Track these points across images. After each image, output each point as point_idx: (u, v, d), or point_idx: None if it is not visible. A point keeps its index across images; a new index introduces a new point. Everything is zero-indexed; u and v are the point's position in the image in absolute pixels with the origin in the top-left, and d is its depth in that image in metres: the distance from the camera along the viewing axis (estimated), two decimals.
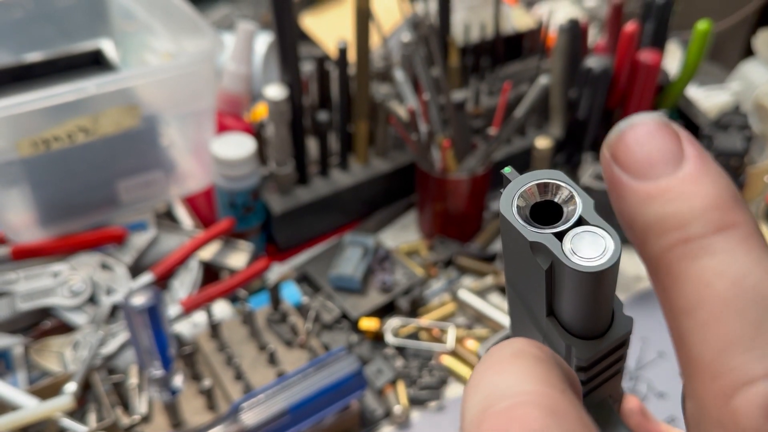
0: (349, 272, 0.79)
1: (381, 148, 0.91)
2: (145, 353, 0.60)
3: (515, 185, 0.29)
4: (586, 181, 0.77)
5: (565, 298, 0.28)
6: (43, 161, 0.72)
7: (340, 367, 0.65)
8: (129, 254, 0.78)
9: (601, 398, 0.35)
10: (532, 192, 0.28)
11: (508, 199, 0.28)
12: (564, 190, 0.28)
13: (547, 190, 0.28)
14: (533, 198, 0.29)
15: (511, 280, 0.32)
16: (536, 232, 0.27)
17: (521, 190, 0.28)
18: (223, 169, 0.79)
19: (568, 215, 0.27)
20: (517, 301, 0.32)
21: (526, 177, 0.28)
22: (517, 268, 0.30)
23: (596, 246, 0.27)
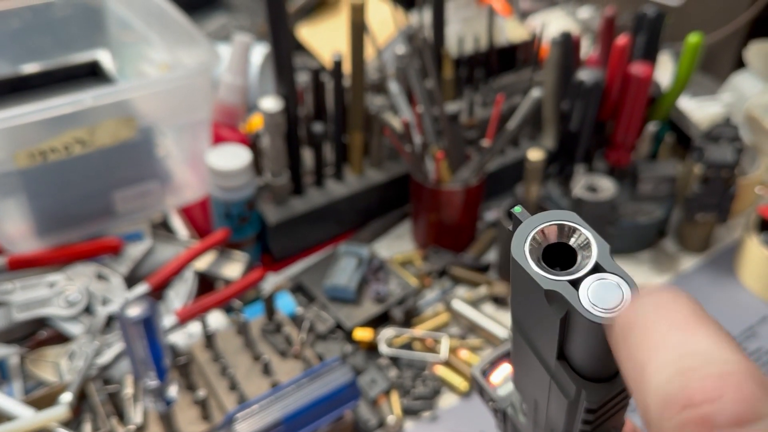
0: (343, 282, 0.80)
1: (376, 158, 0.91)
2: (140, 364, 0.61)
3: (527, 227, 0.27)
4: (578, 192, 0.78)
5: (578, 344, 0.27)
6: (40, 172, 0.73)
7: (333, 378, 0.66)
8: (125, 264, 0.78)
9: (607, 429, 0.35)
10: (546, 233, 0.27)
11: (520, 242, 0.27)
12: (579, 233, 0.26)
13: (562, 233, 0.27)
14: (546, 240, 0.27)
15: (519, 321, 0.31)
16: (552, 279, 0.26)
17: (534, 232, 0.27)
18: (218, 180, 0.80)
19: (583, 261, 0.26)
20: (522, 341, 0.31)
21: (538, 218, 0.27)
22: (527, 312, 0.29)
23: (614, 295, 0.25)
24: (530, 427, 0.39)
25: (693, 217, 0.86)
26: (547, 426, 0.35)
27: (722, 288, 0.87)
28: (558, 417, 0.32)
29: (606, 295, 0.25)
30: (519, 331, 0.31)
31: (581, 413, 0.30)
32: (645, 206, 0.88)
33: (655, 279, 0.87)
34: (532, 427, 0.39)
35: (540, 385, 0.32)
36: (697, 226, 0.88)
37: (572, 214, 0.26)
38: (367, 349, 0.77)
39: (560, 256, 0.27)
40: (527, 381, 0.35)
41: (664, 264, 0.90)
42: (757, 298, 0.85)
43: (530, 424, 0.39)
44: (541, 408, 0.34)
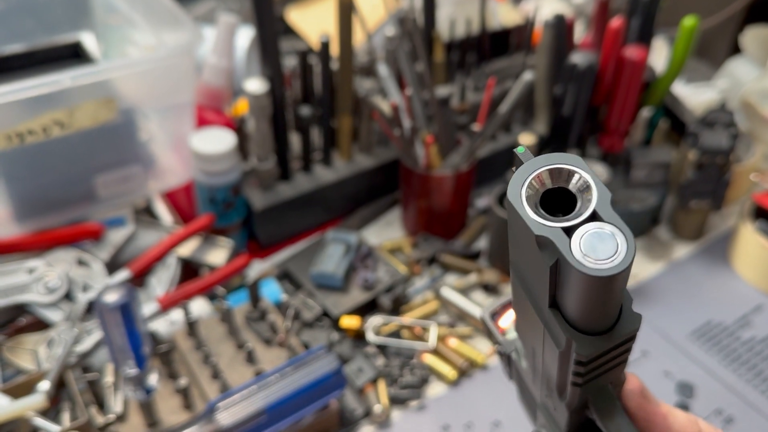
0: (330, 269, 0.78)
1: (365, 143, 0.90)
2: (119, 352, 0.59)
3: (527, 168, 0.25)
4: None
5: (570, 295, 0.25)
6: (18, 155, 0.71)
7: (318, 366, 0.64)
8: (106, 250, 0.77)
9: (602, 384, 0.33)
10: (544, 177, 0.25)
11: (517, 183, 0.25)
12: (580, 177, 0.25)
13: (561, 176, 0.25)
14: (545, 185, 0.26)
15: (516, 266, 0.29)
16: (544, 224, 0.24)
17: (533, 175, 0.25)
18: (202, 164, 0.78)
19: (582, 208, 0.24)
20: (519, 287, 0.30)
21: (540, 160, 0.25)
22: (522, 255, 0.28)
23: (608, 246, 0.23)
24: (530, 373, 0.38)
25: (687, 204, 0.84)
26: (543, 374, 0.34)
27: (716, 276, 0.85)
28: (551, 366, 0.31)
29: (599, 246, 0.24)
30: (516, 276, 0.30)
31: (572, 365, 0.28)
32: (638, 193, 0.87)
33: (648, 267, 0.86)
34: (531, 373, 0.38)
35: (536, 333, 0.31)
36: (691, 214, 0.87)
37: (577, 158, 0.25)
38: (354, 338, 0.76)
39: (563, 203, 0.25)
40: (525, 327, 0.34)
41: (658, 252, 0.88)
42: (751, 287, 0.84)
43: (530, 370, 0.38)
44: (538, 355, 0.33)
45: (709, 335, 0.78)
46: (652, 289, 0.83)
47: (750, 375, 0.73)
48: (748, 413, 0.69)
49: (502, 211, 0.79)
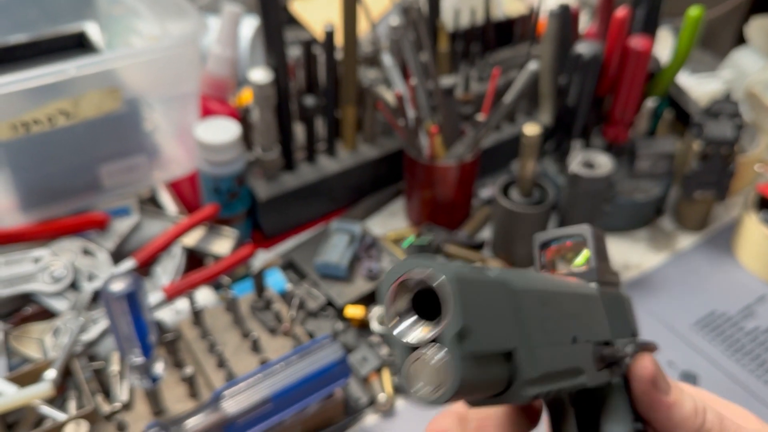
0: (335, 260, 0.78)
1: (369, 134, 0.90)
2: (125, 340, 0.59)
3: (393, 273, 0.25)
4: (575, 168, 0.76)
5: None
6: (24, 145, 0.71)
7: (323, 355, 0.64)
8: (111, 240, 0.77)
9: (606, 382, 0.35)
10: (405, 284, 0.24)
11: (384, 285, 0.25)
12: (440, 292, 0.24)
13: (413, 286, 0.24)
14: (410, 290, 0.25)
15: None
16: (391, 334, 0.25)
17: (399, 279, 0.24)
18: (207, 154, 0.78)
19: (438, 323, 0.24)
20: None
21: (405, 265, 0.25)
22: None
23: (433, 378, 0.24)
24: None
25: (691, 194, 0.84)
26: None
27: (720, 267, 0.85)
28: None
29: (423, 376, 0.24)
30: None
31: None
32: (642, 183, 0.87)
33: (651, 257, 0.86)
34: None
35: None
36: (695, 204, 0.87)
37: (441, 267, 0.24)
38: (359, 327, 0.76)
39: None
40: None
41: (661, 242, 0.88)
42: (755, 277, 0.84)
43: None
44: None
45: (712, 325, 0.78)
46: (656, 280, 0.83)
47: (753, 365, 0.74)
48: (751, 403, 0.70)
49: (507, 201, 0.79)
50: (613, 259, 0.85)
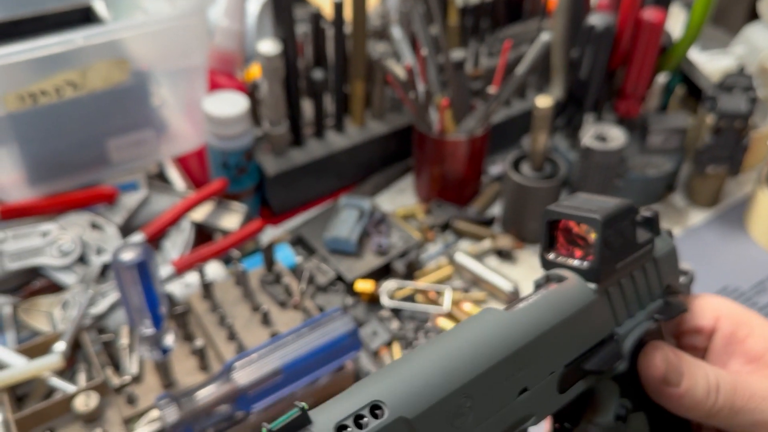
0: (344, 234, 0.78)
1: (377, 109, 0.89)
2: (135, 311, 0.59)
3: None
4: (587, 141, 0.75)
5: None
6: (31, 117, 0.70)
7: (334, 327, 0.64)
8: (119, 214, 0.76)
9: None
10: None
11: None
12: None
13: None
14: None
15: None
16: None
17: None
18: (215, 128, 0.77)
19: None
20: None
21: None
22: None
23: None
24: None
25: (704, 169, 0.84)
26: None
27: (732, 243, 0.84)
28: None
29: None
30: None
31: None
32: (654, 159, 0.86)
33: None
34: None
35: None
36: (708, 179, 0.86)
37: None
38: (369, 302, 0.76)
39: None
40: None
41: (673, 218, 0.87)
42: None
43: None
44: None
45: None
46: None
47: None
48: None
49: (518, 175, 0.78)
50: None
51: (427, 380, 0.29)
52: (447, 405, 0.29)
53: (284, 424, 0.26)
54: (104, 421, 0.61)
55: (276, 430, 0.26)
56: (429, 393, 0.29)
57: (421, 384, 0.29)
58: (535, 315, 0.34)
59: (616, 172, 0.77)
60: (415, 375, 0.29)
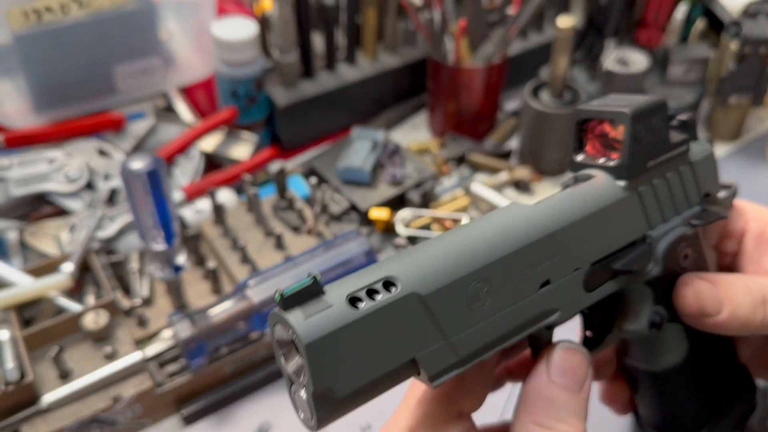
0: (358, 164, 0.76)
1: (390, 42, 0.86)
2: (146, 225, 0.57)
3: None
4: (609, 65, 0.73)
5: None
6: (36, 38, 0.68)
7: (349, 247, 0.62)
8: (127, 141, 0.74)
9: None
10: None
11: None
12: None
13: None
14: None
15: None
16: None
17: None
18: (224, 54, 0.75)
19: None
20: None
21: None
22: None
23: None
24: None
25: (726, 99, 0.81)
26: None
27: (754, 175, 0.82)
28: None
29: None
30: None
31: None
32: (675, 91, 0.83)
33: None
34: None
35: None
36: (730, 111, 0.83)
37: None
38: (384, 231, 0.74)
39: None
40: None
41: None
42: None
43: None
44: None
45: None
46: None
47: None
48: None
49: (537, 102, 0.76)
50: None
51: (443, 261, 0.29)
52: (463, 287, 0.29)
53: (296, 290, 0.26)
54: (114, 340, 0.59)
55: (288, 295, 0.26)
56: (444, 272, 0.28)
57: (437, 264, 0.28)
58: (559, 208, 0.33)
59: None
60: (432, 256, 0.29)
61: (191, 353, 0.56)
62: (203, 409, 0.58)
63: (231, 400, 0.59)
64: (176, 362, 0.59)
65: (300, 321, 0.25)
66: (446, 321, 0.28)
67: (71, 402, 0.55)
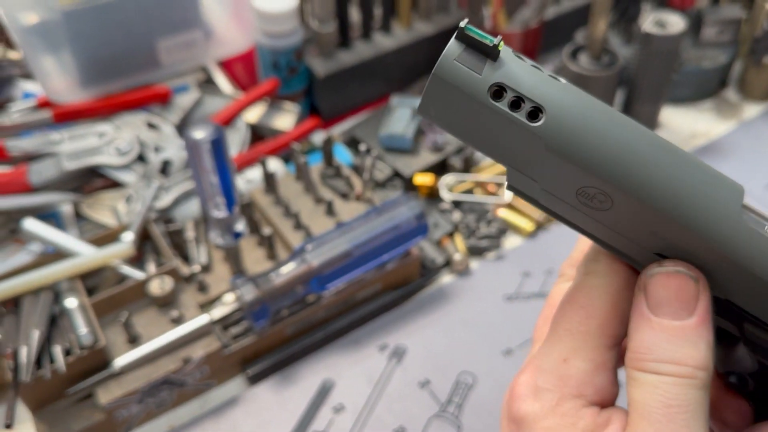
0: (399, 131, 0.77)
1: (425, 9, 0.87)
2: (209, 192, 0.59)
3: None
4: (647, 27, 0.73)
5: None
6: (83, 15, 0.69)
7: (401, 212, 0.64)
8: (175, 113, 0.76)
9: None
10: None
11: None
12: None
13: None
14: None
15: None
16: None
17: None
18: (265, 25, 0.76)
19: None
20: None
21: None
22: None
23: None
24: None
25: (761, 58, 0.82)
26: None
27: None
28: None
29: None
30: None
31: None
32: (708, 52, 0.84)
33: (718, 127, 0.84)
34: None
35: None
36: (763, 71, 0.84)
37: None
38: (428, 196, 0.75)
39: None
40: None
41: (727, 113, 0.86)
42: None
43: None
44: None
45: None
46: (725, 147, 0.81)
47: None
48: None
49: (576, 65, 0.77)
50: (681, 129, 0.83)
51: (601, 141, 0.27)
52: (589, 179, 0.27)
53: (477, 38, 0.26)
54: (179, 305, 0.61)
55: (469, 34, 0.26)
56: (589, 152, 0.26)
57: (595, 140, 0.27)
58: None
59: (675, 58, 0.76)
60: (601, 130, 0.27)
61: (255, 315, 0.58)
62: (267, 369, 0.60)
63: (293, 360, 0.61)
64: (239, 324, 0.61)
65: (450, 56, 0.26)
66: (548, 179, 0.28)
67: (142, 365, 0.57)
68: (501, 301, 0.66)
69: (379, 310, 0.65)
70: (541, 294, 0.66)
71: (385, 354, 0.62)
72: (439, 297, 0.67)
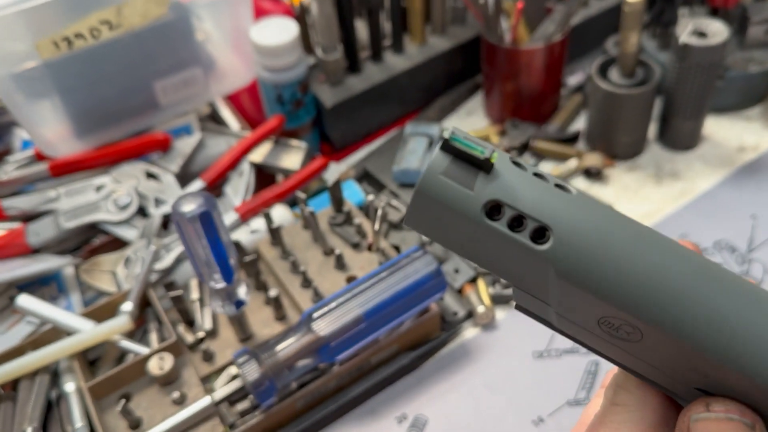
0: (414, 166, 0.71)
1: (438, 23, 0.80)
2: (203, 265, 0.54)
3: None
4: (685, 38, 0.66)
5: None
6: (69, 64, 0.65)
7: (416, 269, 0.58)
8: (175, 161, 0.71)
9: None
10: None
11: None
12: None
13: None
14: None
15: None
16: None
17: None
18: (265, 59, 0.71)
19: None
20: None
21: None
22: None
23: None
24: None
25: None
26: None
27: None
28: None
29: None
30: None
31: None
32: (756, 54, 0.76)
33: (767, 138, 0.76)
34: None
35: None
36: None
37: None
38: None
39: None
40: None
41: None
42: None
43: None
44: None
45: None
46: None
47: None
48: None
49: (606, 83, 0.70)
50: (726, 142, 0.75)
51: (622, 268, 0.22)
52: (610, 311, 0.23)
53: (466, 150, 0.22)
54: (181, 383, 0.57)
55: (455, 145, 0.22)
56: (609, 281, 0.22)
57: (614, 265, 0.22)
58: None
59: (717, 71, 0.68)
60: (619, 250, 0.22)
61: (261, 395, 0.54)
62: None
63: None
64: (246, 399, 0.57)
65: (435, 171, 0.23)
66: (563, 305, 0.24)
67: None
68: (530, 358, 0.61)
69: (396, 375, 0.60)
70: (573, 350, 0.60)
71: (404, 427, 0.57)
72: (461, 355, 0.61)
